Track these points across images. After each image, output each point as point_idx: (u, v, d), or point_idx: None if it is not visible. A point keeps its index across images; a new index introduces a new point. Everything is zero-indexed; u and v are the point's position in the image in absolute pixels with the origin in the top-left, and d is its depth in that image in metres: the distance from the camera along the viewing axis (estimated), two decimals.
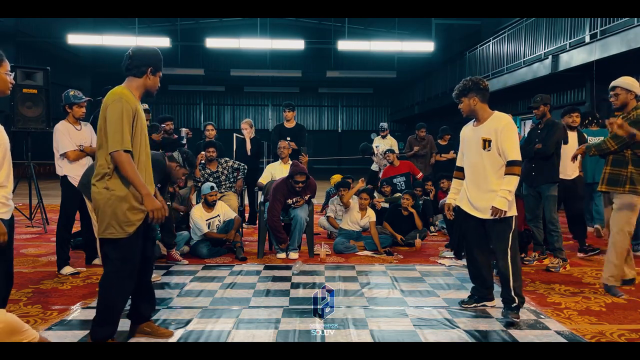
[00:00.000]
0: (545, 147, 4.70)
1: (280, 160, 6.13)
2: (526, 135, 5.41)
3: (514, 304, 3.35)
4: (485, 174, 3.41)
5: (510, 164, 3.32)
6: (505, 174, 3.33)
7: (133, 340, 2.97)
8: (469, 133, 3.55)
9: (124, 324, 3.22)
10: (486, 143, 3.39)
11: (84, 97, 4.53)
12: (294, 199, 5.27)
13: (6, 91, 2.51)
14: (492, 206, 3.29)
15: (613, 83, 4.01)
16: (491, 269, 3.67)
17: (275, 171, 5.95)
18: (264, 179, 5.97)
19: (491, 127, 3.38)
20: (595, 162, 5.66)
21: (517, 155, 3.32)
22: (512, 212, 3.35)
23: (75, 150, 4.46)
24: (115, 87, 2.73)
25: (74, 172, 4.46)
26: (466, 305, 3.65)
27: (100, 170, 2.66)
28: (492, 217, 3.33)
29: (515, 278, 3.36)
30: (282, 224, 5.27)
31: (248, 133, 7.13)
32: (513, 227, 3.37)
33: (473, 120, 3.54)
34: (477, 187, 3.45)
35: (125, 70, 2.79)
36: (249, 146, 7.09)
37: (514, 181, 3.31)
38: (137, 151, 2.71)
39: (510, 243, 3.36)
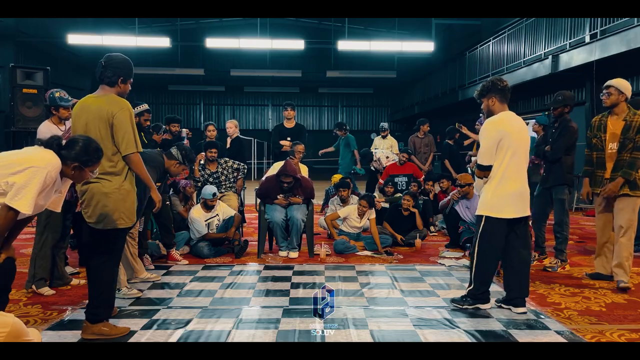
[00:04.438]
0: (553, 151, 4.66)
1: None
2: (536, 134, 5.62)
3: (466, 292, 3.58)
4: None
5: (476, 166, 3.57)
6: None
7: (133, 339, 2.97)
8: None
9: (124, 324, 3.23)
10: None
11: (70, 98, 4.36)
12: (284, 196, 5.33)
13: (79, 182, 2.84)
14: None
15: (608, 82, 4.07)
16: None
17: None
18: None
19: None
20: None
21: (479, 159, 3.49)
22: (482, 211, 3.49)
23: None
24: (112, 96, 3.07)
25: None
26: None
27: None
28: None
29: (476, 274, 3.50)
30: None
31: (232, 132, 7.02)
32: (482, 225, 3.46)
33: None
34: None
35: (99, 80, 3.12)
36: (227, 145, 7.04)
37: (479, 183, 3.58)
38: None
39: (477, 239, 3.48)
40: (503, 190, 3.39)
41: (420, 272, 4.67)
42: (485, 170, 3.44)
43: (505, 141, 3.36)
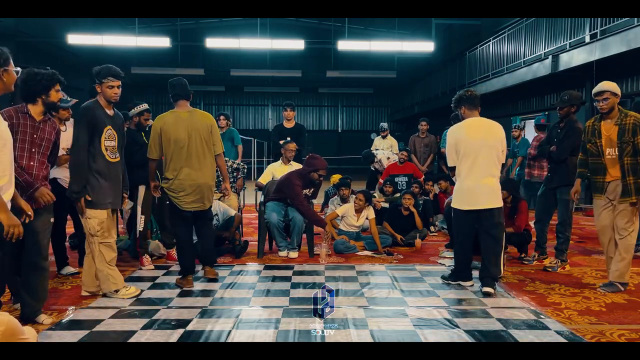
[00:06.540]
0: (559, 152, 4.64)
1: (280, 161, 6.09)
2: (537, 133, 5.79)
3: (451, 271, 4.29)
4: None
5: None
6: None
7: (133, 339, 2.97)
8: None
9: (124, 324, 3.23)
10: None
11: (70, 99, 4.31)
12: (304, 192, 5.29)
13: (11, 86, 2.55)
14: None
15: (600, 88, 3.98)
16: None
17: (276, 172, 5.94)
18: (263, 179, 5.96)
19: None
20: None
21: (447, 161, 4.12)
22: (452, 204, 4.12)
23: (64, 155, 4.20)
24: (199, 110, 4.20)
25: (63, 174, 4.35)
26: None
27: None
28: None
29: (456, 255, 4.23)
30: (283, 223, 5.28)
31: None
32: (452, 216, 4.16)
33: None
34: None
35: (183, 96, 4.09)
36: None
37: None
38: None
39: (453, 227, 4.20)
40: (460, 186, 4.01)
41: (420, 272, 4.67)
42: (451, 171, 4.15)
43: (461, 145, 3.92)
